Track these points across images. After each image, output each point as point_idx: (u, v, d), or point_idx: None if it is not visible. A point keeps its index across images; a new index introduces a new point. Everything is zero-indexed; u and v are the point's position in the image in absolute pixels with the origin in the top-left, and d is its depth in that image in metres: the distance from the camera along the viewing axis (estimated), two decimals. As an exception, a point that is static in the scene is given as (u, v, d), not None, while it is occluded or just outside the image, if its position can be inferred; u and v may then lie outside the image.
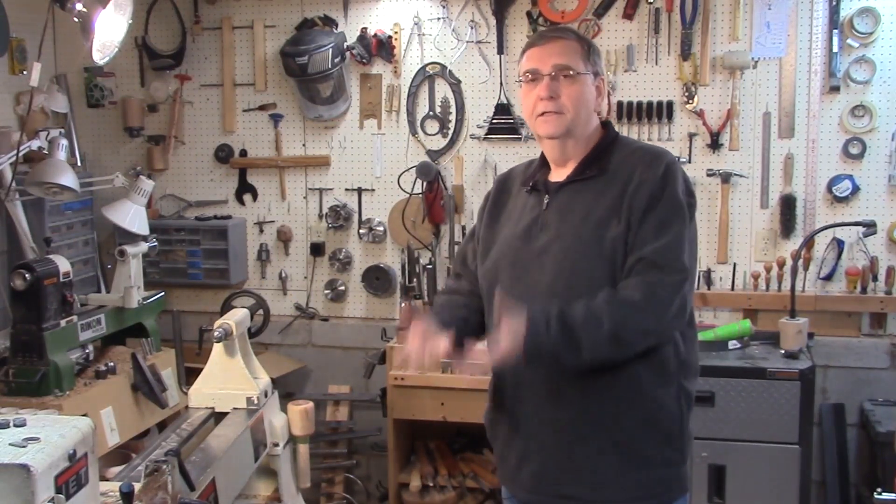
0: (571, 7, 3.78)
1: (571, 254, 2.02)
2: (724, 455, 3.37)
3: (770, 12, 3.65)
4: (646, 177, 2.00)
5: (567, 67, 2.05)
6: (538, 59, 2.07)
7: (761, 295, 3.72)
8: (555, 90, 2.04)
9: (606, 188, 2.04)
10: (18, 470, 1.35)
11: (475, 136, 3.97)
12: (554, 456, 2.06)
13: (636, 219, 1.98)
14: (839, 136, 3.67)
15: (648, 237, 1.96)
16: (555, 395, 2.03)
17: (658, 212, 1.98)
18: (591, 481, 2.05)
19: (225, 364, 2.30)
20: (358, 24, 3.99)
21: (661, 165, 2.01)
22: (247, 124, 4.19)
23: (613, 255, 1.99)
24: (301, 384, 4.22)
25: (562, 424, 2.04)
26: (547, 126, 2.07)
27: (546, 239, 2.06)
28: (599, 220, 2.02)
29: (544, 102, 2.05)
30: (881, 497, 2.55)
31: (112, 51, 3.26)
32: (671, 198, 1.99)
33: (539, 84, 2.06)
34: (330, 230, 4.14)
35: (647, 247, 1.96)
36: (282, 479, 2.38)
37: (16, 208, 3.45)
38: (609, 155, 2.10)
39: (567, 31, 2.19)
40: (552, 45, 2.08)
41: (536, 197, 2.14)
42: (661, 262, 1.95)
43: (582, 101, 2.07)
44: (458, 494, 3.62)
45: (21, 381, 3.03)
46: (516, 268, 2.09)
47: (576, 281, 2.00)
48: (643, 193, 1.99)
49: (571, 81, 2.05)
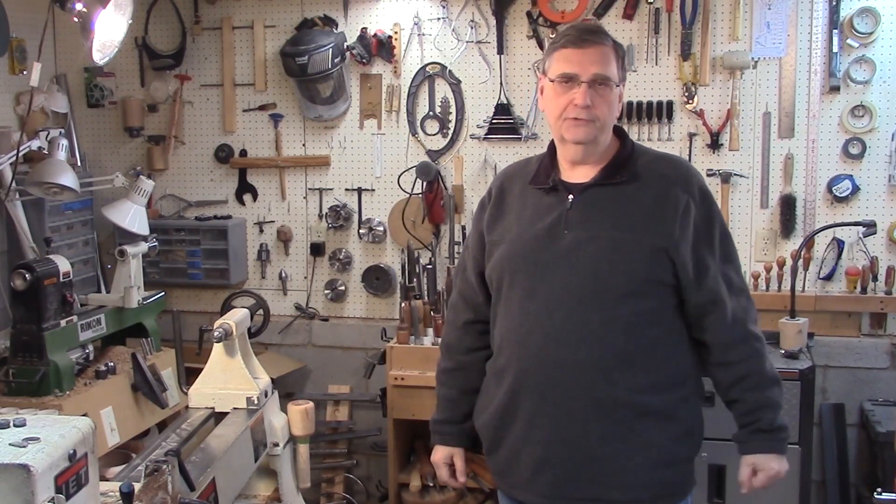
0: (571, 7, 3.78)
1: (608, 254, 2.02)
2: (724, 455, 3.32)
3: (770, 12, 3.65)
4: (688, 199, 2.07)
5: (606, 78, 2.04)
6: (578, 63, 2.04)
7: (761, 295, 3.72)
8: (592, 99, 2.03)
9: (639, 193, 2.06)
10: (18, 470, 1.35)
11: (475, 136, 3.97)
12: (577, 459, 2.05)
13: (689, 245, 2.05)
14: (839, 136, 3.67)
15: (718, 267, 2.09)
16: (583, 398, 2.02)
17: (714, 239, 2.09)
18: (619, 482, 2.05)
19: (225, 364, 2.30)
20: (358, 24, 3.99)
21: (695, 184, 2.11)
22: (247, 124, 4.19)
23: (651, 259, 2.02)
24: (301, 384, 4.22)
25: (590, 427, 2.03)
26: (577, 132, 2.06)
27: (574, 238, 2.05)
28: (635, 224, 2.03)
29: (579, 109, 2.03)
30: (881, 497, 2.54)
31: (112, 51, 3.26)
32: (719, 220, 2.12)
33: (574, 89, 2.04)
34: (330, 230, 4.14)
35: (725, 278, 2.10)
36: (282, 479, 2.38)
37: (16, 208, 3.45)
38: (635, 160, 2.11)
39: (604, 34, 2.12)
40: (593, 52, 2.04)
41: (556, 196, 2.12)
42: (739, 285, 2.13)
43: (613, 110, 2.08)
44: (458, 494, 3.62)
45: (21, 381, 3.03)
46: (538, 267, 2.07)
47: (612, 281, 2.01)
48: (690, 219, 2.05)
49: (608, 91, 2.05)
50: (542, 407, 2.06)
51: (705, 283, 2.06)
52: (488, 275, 2.18)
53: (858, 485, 3.70)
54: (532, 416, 2.08)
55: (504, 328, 2.12)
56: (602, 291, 2.01)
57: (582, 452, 2.04)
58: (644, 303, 2.02)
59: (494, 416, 2.17)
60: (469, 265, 2.27)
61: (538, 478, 2.09)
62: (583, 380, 2.00)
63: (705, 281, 2.06)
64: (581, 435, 2.04)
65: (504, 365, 2.13)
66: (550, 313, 2.04)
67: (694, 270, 2.04)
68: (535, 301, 2.06)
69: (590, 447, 2.04)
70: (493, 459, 2.22)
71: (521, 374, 2.08)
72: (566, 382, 2.02)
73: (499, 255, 2.15)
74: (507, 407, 2.13)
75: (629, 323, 2.01)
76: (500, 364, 2.15)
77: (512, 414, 2.12)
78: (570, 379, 2.02)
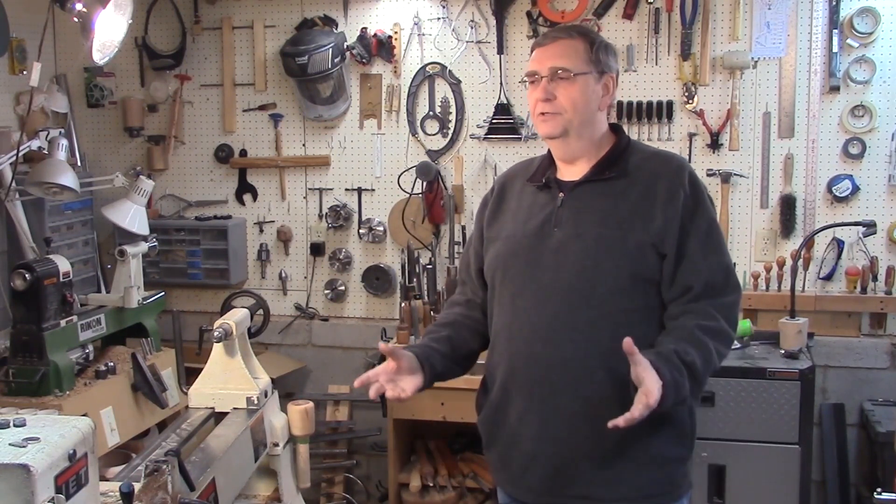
0: (571, 7, 3.78)
1: (594, 252, 2.02)
2: (724, 455, 3.36)
3: (770, 12, 3.65)
4: (675, 192, 2.03)
5: (562, 69, 2.05)
6: (538, 60, 2.09)
7: (761, 295, 3.72)
8: (551, 91, 2.06)
9: (628, 189, 2.06)
10: (18, 470, 1.35)
11: (475, 136, 3.97)
12: (567, 457, 2.05)
13: (675, 238, 2.01)
14: (839, 136, 3.67)
15: (699, 259, 2.02)
16: (571, 396, 2.02)
17: (698, 228, 2.03)
18: (607, 480, 2.04)
19: (225, 364, 2.30)
20: (358, 24, 3.99)
21: (685, 177, 2.06)
22: (247, 124, 4.19)
23: (637, 256, 2.01)
24: (301, 384, 4.22)
25: (577, 425, 2.03)
26: (545, 126, 2.09)
27: (562, 236, 2.06)
28: (622, 220, 2.03)
29: (542, 104, 2.07)
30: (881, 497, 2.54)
31: (112, 51, 3.26)
32: (706, 213, 2.06)
33: (538, 85, 2.08)
34: (330, 230, 4.14)
35: (704, 270, 2.01)
36: (282, 479, 2.37)
37: (16, 208, 3.45)
38: (627, 157, 2.11)
39: (571, 29, 2.17)
40: (553, 47, 2.09)
41: (548, 194, 2.13)
42: (718, 282, 2.03)
43: (581, 101, 2.07)
44: (458, 494, 3.62)
45: (21, 381, 3.03)
46: (529, 265, 2.08)
47: (599, 279, 2.01)
48: (677, 211, 2.02)
49: (569, 82, 2.06)
50: (531, 404, 2.07)
51: (681, 276, 2.02)
52: (485, 272, 2.20)
53: (858, 485, 3.70)
54: (522, 412, 2.09)
55: (497, 325, 2.14)
56: (588, 289, 2.01)
57: (570, 449, 2.05)
58: (631, 300, 2.02)
59: (490, 412, 2.19)
60: (472, 261, 2.29)
61: (528, 474, 2.11)
62: (570, 377, 2.01)
63: (682, 274, 2.02)
64: (569, 432, 2.04)
65: (497, 361, 2.15)
66: (539, 311, 2.05)
67: (675, 263, 2.02)
68: (525, 299, 2.07)
69: (578, 445, 2.04)
70: (489, 455, 2.24)
71: (511, 370, 2.10)
72: (554, 380, 2.03)
73: (494, 252, 2.17)
74: (500, 403, 2.15)
75: (617, 320, 2.01)
76: (493, 360, 2.18)
77: (504, 410, 2.14)
78: (557, 376, 2.02)
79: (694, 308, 2.01)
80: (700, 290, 2.01)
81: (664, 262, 2.02)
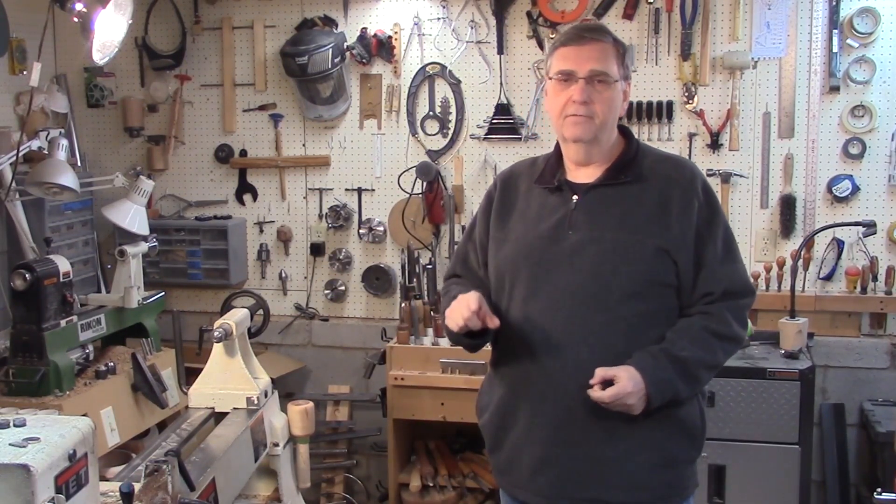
0: (571, 7, 3.78)
1: (611, 256, 2.02)
2: (724, 455, 3.36)
3: (770, 12, 3.65)
4: (690, 201, 2.05)
5: (604, 74, 2.03)
6: (574, 60, 2.04)
7: (761, 295, 3.71)
8: (589, 95, 2.02)
9: (643, 194, 2.06)
10: (18, 470, 1.35)
11: (475, 136, 3.97)
12: (578, 459, 2.04)
13: (691, 248, 2.03)
14: (839, 136, 3.67)
15: (717, 268, 2.05)
16: (585, 399, 2.00)
17: (715, 237, 2.06)
18: (619, 483, 2.04)
19: (225, 364, 2.30)
20: (358, 24, 3.99)
21: (699, 185, 2.09)
22: (247, 124, 4.19)
23: (654, 260, 2.01)
24: (301, 384, 4.22)
25: (590, 427, 2.02)
26: (576, 129, 2.05)
27: (577, 239, 2.05)
28: (639, 225, 2.03)
29: (576, 105, 2.03)
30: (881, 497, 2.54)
31: (112, 51, 3.27)
32: (721, 221, 2.09)
33: (572, 85, 2.03)
34: (330, 230, 4.14)
35: (724, 279, 2.05)
36: (282, 479, 2.37)
37: (16, 208, 3.45)
38: (640, 160, 2.11)
39: (604, 31, 2.11)
40: (591, 48, 2.04)
41: (560, 196, 2.11)
42: (737, 289, 2.07)
43: (613, 107, 2.07)
44: (458, 494, 3.62)
45: (21, 381, 3.03)
46: (541, 267, 2.06)
47: (615, 282, 2.01)
48: (692, 221, 2.04)
49: (606, 88, 2.04)
50: (542, 407, 2.06)
51: (701, 284, 2.05)
52: (491, 273, 2.18)
53: (858, 485, 3.71)
54: (533, 415, 2.08)
55: (506, 327, 2.11)
56: (604, 293, 2.00)
57: (582, 453, 2.04)
58: (646, 304, 2.02)
59: (496, 415, 2.17)
60: (475, 256, 2.26)
61: (538, 477, 2.09)
62: (584, 380, 2.00)
63: (702, 282, 2.05)
64: (581, 435, 2.03)
65: (505, 364, 2.14)
66: (552, 314, 2.04)
67: (694, 272, 2.04)
68: (538, 301, 2.06)
69: (590, 447, 2.03)
70: (494, 458, 2.22)
71: (523, 373, 2.08)
72: (567, 383, 2.02)
73: (503, 254, 2.14)
74: (509, 406, 2.13)
75: (631, 324, 2.01)
76: (501, 363, 2.16)
77: (513, 413, 2.12)
78: (571, 379, 2.01)
79: (708, 309, 2.05)
80: (719, 295, 2.05)
81: (681, 272, 2.04)
